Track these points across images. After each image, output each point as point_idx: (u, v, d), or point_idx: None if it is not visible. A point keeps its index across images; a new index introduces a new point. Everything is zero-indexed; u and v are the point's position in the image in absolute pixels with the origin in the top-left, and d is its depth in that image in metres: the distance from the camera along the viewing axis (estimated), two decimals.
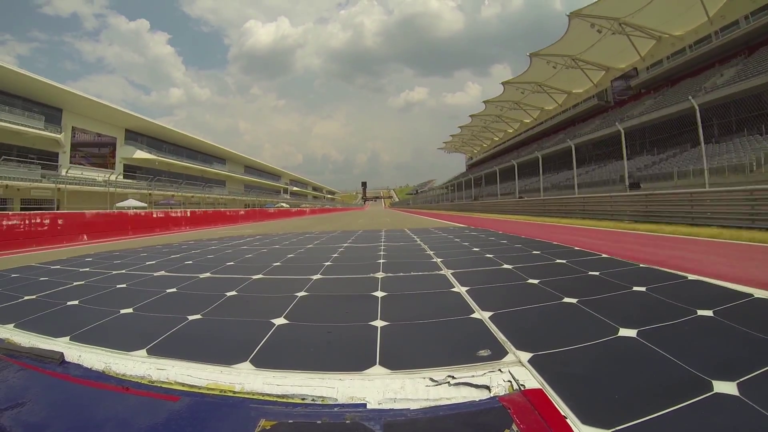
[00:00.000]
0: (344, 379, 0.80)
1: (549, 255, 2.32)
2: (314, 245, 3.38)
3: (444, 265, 2.06)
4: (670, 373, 0.78)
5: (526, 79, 37.96)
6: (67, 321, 1.32)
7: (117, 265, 2.50)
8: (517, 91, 41.10)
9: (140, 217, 14.52)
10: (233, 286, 1.72)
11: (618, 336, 0.98)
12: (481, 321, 1.15)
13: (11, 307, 1.55)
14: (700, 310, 1.14)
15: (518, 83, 39.62)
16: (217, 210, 21.89)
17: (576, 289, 1.47)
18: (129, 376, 0.88)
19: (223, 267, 2.29)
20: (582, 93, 37.63)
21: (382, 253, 2.63)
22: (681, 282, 1.54)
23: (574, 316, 1.18)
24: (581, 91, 37.61)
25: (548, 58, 33.01)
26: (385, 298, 1.45)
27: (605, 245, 4.69)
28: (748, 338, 0.94)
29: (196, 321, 1.25)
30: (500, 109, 48.20)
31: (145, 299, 1.54)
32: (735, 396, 0.68)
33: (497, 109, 48.58)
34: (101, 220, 12.01)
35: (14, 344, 1.10)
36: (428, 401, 0.72)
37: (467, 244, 3.10)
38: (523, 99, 42.43)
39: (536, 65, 35.27)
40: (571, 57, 32.63)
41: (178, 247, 3.61)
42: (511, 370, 0.81)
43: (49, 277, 2.16)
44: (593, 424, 0.61)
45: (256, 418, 0.67)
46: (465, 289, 1.52)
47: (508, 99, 44.21)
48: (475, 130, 59.79)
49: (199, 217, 18.21)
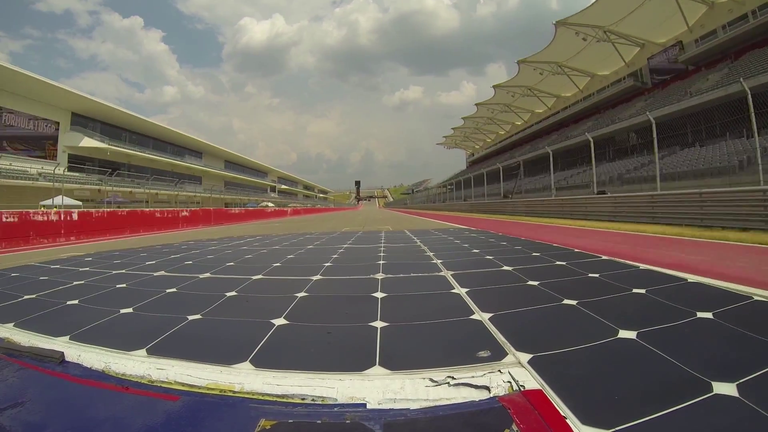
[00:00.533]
0: (344, 379, 0.80)
1: (549, 257, 2.32)
2: (314, 246, 3.38)
3: (444, 267, 2.07)
4: (669, 374, 0.78)
5: (545, 58, 33.98)
6: (67, 320, 1.32)
7: (117, 265, 2.50)
8: (534, 72, 35.71)
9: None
10: (233, 286, 1.72)
11: (618, 337, 0.98)
12: (481, 322, 1.15)
13: (11, 306, 1.55)
14: (699, 312, 1.14)
15: (535, 63, 35.44)
16: (133, 210, 14.75)
17: (576, 290, 1.47)
18: (129, 376, 0.88)
19: (223, 267, 2.29)
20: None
21: (382, 254, 2.63)
22: (681, 284, 1.54)
23: (574, 317, 1.18)
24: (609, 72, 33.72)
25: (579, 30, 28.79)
26: (385, 299, 1.45)
27: None
28: (748, 340, 0.94)
29: (195, 321, 1.25)
30: (512, 96, 41.71)
31: (144, 299, 1.54)
32: (734, 397, 0.68)
33: (509, 96, 42.19)
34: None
35: (14, 343, 1.10)
36: (428, 401, 0.72)
37: (467, 245, 3.10)
38: (538, 84, 37.80)
39: (562, 36, 30.27)
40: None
41: (178, 247, 3.61)
42: (510, 371, 0.81)
43: (49, 276, 2.15)
44: (593, 425, 0.61)
45: (256, 418, 0.67)
46: (465, 291, 1.52)
47: (521, 84, 38.94)
48: (479, 122, 53.83)
49: (93, 221, 11.62)
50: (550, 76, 34.73)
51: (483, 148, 62.77)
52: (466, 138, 63.74)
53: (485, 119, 49.91)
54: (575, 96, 36.75)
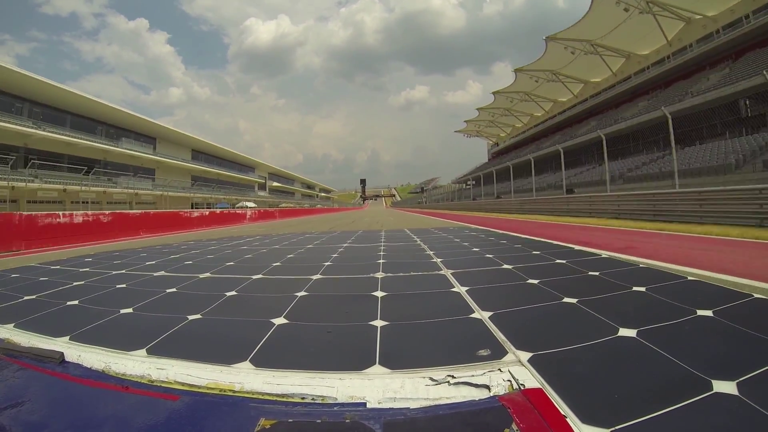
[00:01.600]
0: (344, 378, 0.80)
1: (549, 255, 2.32)
2: (314, 245, 3.38)
3: (444, 265, 2.06)
4: (669, 372, 0.78)
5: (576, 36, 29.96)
6: (67, 321, 1.32)
7: (117, 265, 2.50)
8: (564, 52, 30.27)
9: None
10: (233, 286, 1.72)
11: (618, 336, 0.98)
12: (481, 321, 1.15)
13: (11, 307, 1.55)
14: (699, 310, 1.14)
15: None
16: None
17: (576, 289, 1.47)
18: (129, 376, 0.88)
19: (222, 267, 2.29)
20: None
21: (382, 253, 2.63)
22: (681, 282, 1.54)
23: (574, 316, 1.18)
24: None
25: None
26: (385, 298, 1.45)
27: None
28: (748, 338, 0.94)
29: (195, 321, 1.25)
30: (535, 81, 35.83)
31: (144, 299, 1.54)
32: (734, 395, 0.68)
33: (532, 81, 35.89)
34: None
35: (14, 344, 1.10)
36: (428, 400, 0.72)
37: (467, 244, 3.10)
38: (565, 69, 32.43)
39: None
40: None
41: (178, 247, 3.61)
42: (510, 370, 0.81)
43: (49, 277, 2.16)
44: (593, 424, 0.61)
45: (255, 417, 0.67)
46: (465, 289, 1.52)
47: (546, 68, 33.20)
48: (496, 113, 44.44)
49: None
50: (581, 55, 30.39)
51: (509, 136, 50.73)
52: (492, 123, 50.86)
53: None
54: (606, 80, 32.32)
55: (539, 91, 37.82)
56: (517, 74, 35.47)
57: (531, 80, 35.00)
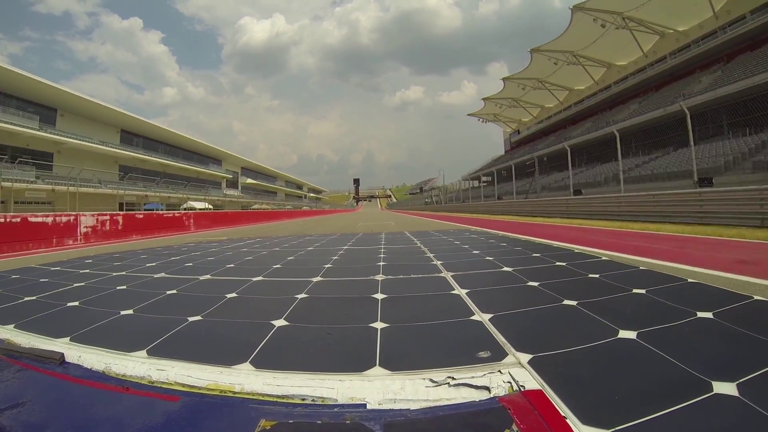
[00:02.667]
0: (344, 379, 0.80)
1: (549, 257, 2.32)
2: (314, 248, 3.39)
3: (444, 268, 2.07)
4: (669, 374, 0.78)
5: None
6: (68, 322, 1.32)
7: (117, 266, 2.50)
8: (594, 23, 27.20)
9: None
10: (233, 287, 1.73)
11: (618, 338, 0.98)
12: (481, 323, 1.15)
13: (11, 308, 1.55)
14: (699, 311, 1.14)
15: None
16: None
17: (576, 291, 1.47)
18: (129, 377, 0.88)
19: (223, 269, 2.29)
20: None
21: (382, 256, 2.63)
22: (681, 284, 1.54)
23: (574, 318, 1.18)
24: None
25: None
26: (385, 300, 1.45)
27: None
28: (748, 340, 0.94)
29: (196, 322, 1.25)
30: (554, 63, 32.56)
31: (145, 300, 1.54)
32: (735, 397, 0.68)
33: (551, 63, 32.61)
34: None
35: (14, 345, 1.10)
36: (428, 402, 0.72)
37: (467, 246, 3.10)
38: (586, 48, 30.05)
39: None
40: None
41: (178, 249, 3.62)
42: (511, 371, 0.81)
43: (49, 278, 2.16)
44: (593, 424, 0.61)
45: (256, 419, 0.67)
46: (465, 292, 1.52)
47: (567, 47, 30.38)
48: (525, 87, 37.04)
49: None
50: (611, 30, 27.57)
51: (535, 121, 42.64)
52: (513, 105, 42.78)
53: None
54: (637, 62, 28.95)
55: (553, 78, 34.90)
56: (533, 54, 33.68)
57: (550, 62, 33.51)
